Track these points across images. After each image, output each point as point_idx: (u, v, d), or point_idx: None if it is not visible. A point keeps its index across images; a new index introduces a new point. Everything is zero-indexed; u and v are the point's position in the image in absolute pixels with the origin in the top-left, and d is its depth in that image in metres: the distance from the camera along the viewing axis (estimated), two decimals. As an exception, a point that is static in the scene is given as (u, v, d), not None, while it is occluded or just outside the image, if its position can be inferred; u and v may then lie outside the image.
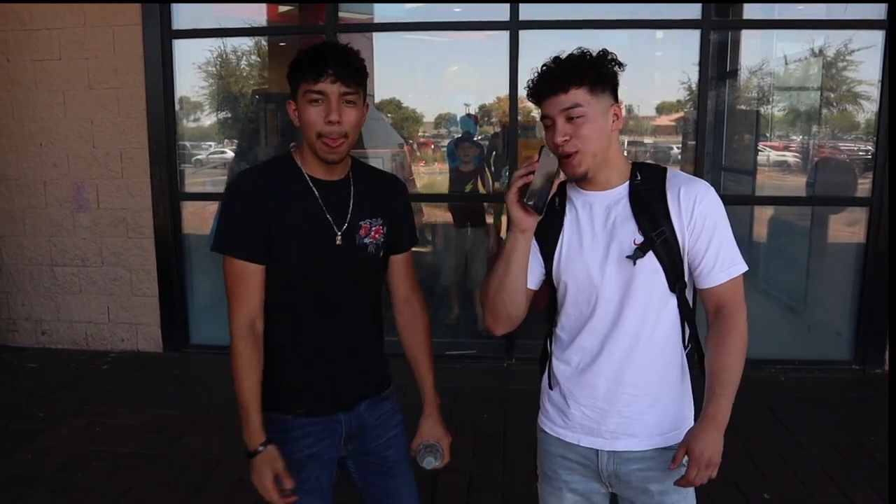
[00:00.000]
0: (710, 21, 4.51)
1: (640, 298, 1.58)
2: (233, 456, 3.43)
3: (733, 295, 1.61)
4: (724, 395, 1.55)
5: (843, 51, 5.03)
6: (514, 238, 1.59)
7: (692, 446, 1.53)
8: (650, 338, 1.60)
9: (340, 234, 1.70)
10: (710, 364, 1.59)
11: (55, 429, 3.81)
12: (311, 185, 1.70)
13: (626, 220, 1.58)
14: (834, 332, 4.94)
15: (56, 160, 4.99)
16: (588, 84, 1.51)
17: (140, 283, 5.06)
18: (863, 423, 3.89)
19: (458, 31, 5.25)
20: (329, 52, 1.58)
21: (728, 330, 1.59)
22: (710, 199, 1.58)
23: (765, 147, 5.81)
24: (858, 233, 4.79)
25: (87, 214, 5.04)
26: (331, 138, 1.60)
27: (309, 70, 1.57)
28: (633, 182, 1.61)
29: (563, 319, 1.69)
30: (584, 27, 4.65)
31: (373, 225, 1.75)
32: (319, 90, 1.57)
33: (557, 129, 1.52)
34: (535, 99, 1.57)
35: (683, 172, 1.65)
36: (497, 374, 4.73)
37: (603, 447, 1.66)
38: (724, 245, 1.59)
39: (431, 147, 6.42)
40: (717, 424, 1.54)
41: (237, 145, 5.87)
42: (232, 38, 5.45)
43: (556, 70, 1.52)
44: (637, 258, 1.55)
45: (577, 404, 1.66)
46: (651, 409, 1.64)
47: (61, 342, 5.22)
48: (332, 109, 1.58)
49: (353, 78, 1.60)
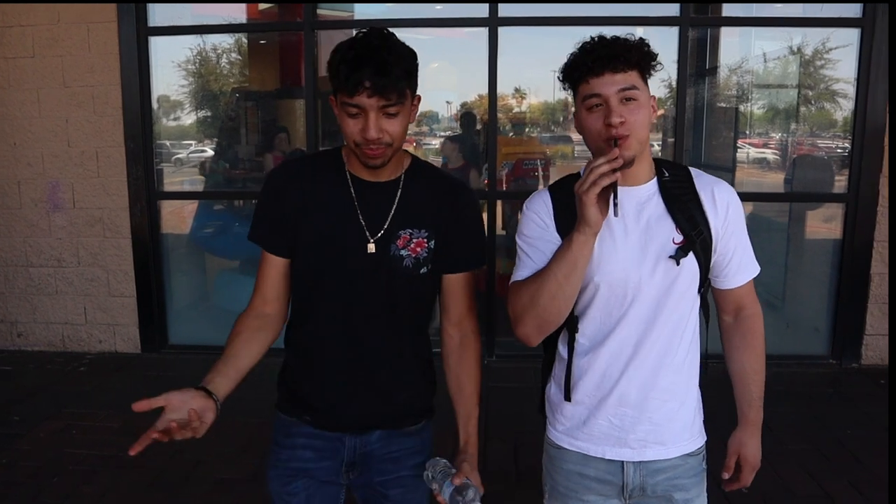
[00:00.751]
0: (688, 18, 4.53)
1: (678, 300, 1.51)
2: (211, 458, 3.41)
3: (752, 295, 1.63)
4: (759, 397, 1.60)
5: (820, 49, 5.07)
6: (585, 241, 1.41)
7: (745, 453, 1.61)
8: (681, 340, 1.55)
9: (374, 242, 1.54)
10: (741, 367, 1.62)
11: (31, 432, 3.76)
12: (350, 182, 1.56)
13: (662, 219, 1.50)
14: (812, 328, 4.99)
15: (30, 159, 4.92)
16: (640, 69, 1.45)
17: (117, 283, 5.01)
18: (840, 417, 3.93)
19: (438, 28, 5.23)
20: (366, 60, 1.39)
21: (753, 332, 1.62)
22: (737, 201, 1.57)
23: (744, 144, 5.85)
24: (835, 229, 4.84)
25: (62, 214, 4.97)
26: (370, 149, 1.45)
27: (345, 81, 1.40)
28: (662, 179, 1.53)
29: (586, 322, 1.56)
30: (563, 24, 4.65)
31: (414, 236, 1.56)
32: (356, 104, 1.41)
33: (613, 109, 1.40)
34: (579, 76, 1.45)
35: (703, 172, 1.60)
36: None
37: (631, 458, 1.56)
38: (747, 246, 1.60)
39: (414, 145, 6.41)
40: (758, 427, 1.61)
41: (217, 144, 5.81)
42: (212, 36, 5.39)
43: (613, 48, 1.42)
44: (680, 258, 1.47)
45: (605, 413, 1.56)
46: (678, 414, 1.57)
47: (37, 344, 5.15)
48: (369, 126, 1.42)
49: (395, 88, 1.40)
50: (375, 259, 1.54)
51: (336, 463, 1.64)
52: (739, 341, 1.62)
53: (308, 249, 1.57)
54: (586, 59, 1.42)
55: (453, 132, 5.71)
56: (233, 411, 4.07)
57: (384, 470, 1.65)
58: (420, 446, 1.69)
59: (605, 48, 1.42)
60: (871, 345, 4.76)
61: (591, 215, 1.38)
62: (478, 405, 1.66)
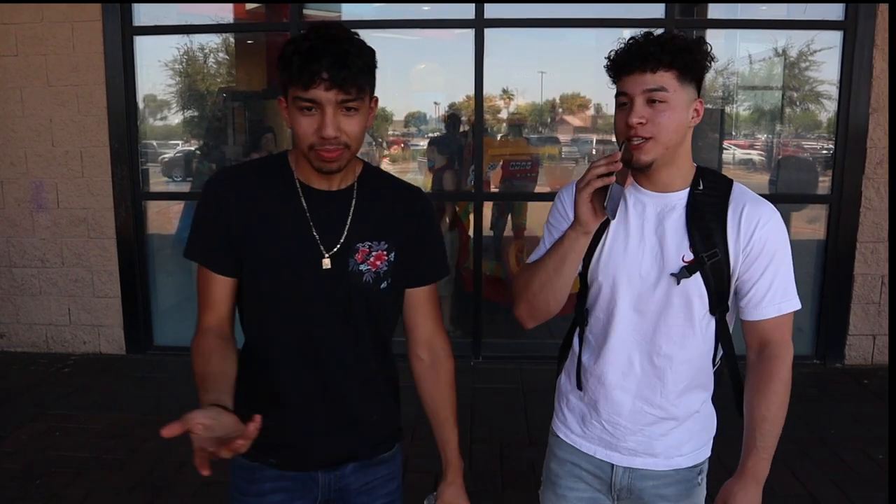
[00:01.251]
0: (673, 20, 4.56)
1: (679, 318, 1.45)
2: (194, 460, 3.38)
3: (781, 333, 1.48)
4: (765, 447, 1.46)
5: (805, 51, 5.11)
6: (576, 238, 1.40)
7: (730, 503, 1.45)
8: (686, 361, 1.48)
9: (329, 257, 1.40)
10: (751, 411, 1.48)
11: (14, 434, 3.73)
12: (301, 193, 1.42)
13: (678, 232, 1.43)
14: (796, 328, 4.97)
15: (14, 159, 4.88)
16: (677, 69, 1.36)
17: (102, 284, 4.97)
18: (823, 417, 3.96)
19: (425, 29, 5.23)
20: (324, 50, 1.26)
21: (772, 375, 1.46)
22: (773, 224, 1.44)
23: (730, 145, 5.89)
24: (819, 230, 4.88)
25: (46, 214, 4.93)
26: (326, 150, 1.31)
27: (299, 73, 1.27)
28: (694, 190, 1.46)
29: (591, 321, 1.55)
30: (548, 26, 4.67)
31: (374, 249, 1.44)
32: (311, 98, 1.28)
33: (635, 109, 1.36)
34: (614, 73, 1.41)
35: (751, 190, 1.50)
36: (463, 373, 4.67)
37: (619, 462, 1.56)
38: (779, 276, 1.44)
39: (401, 146, 6.40)
40: (756, 480, 1.46)
41: (203, 144, 5.79)
42: (198, 36, 5.37)
43: (646, 46, 1.35)
44: (682, 277, 1.40)
45: (599, 417, 1.55)
46: (675, 431, 1.54)
47: (20, 345, 5.10)
48: (326, 123, 1.28)
49: (355, 82, 1.28)
50: (332, 276, 1.41)
51: (309, 500, 1.52)
52: (755, 382, 1.48)
53: (258, 269, 1.41)
54: (622, 56, 1.39)
55: (441, 133, 5.71)
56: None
57: (360, 502, 1.56)
58: (394, 472, 1.61)
59: (639, 46, 1.37)
60: (855, 345, 4.80)
61: (582, 214, 1.37)
62: (455, 427, 1.59)
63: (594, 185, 1.34)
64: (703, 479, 1.61)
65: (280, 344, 1.45)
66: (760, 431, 1.46)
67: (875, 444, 3.59)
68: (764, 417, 1.46)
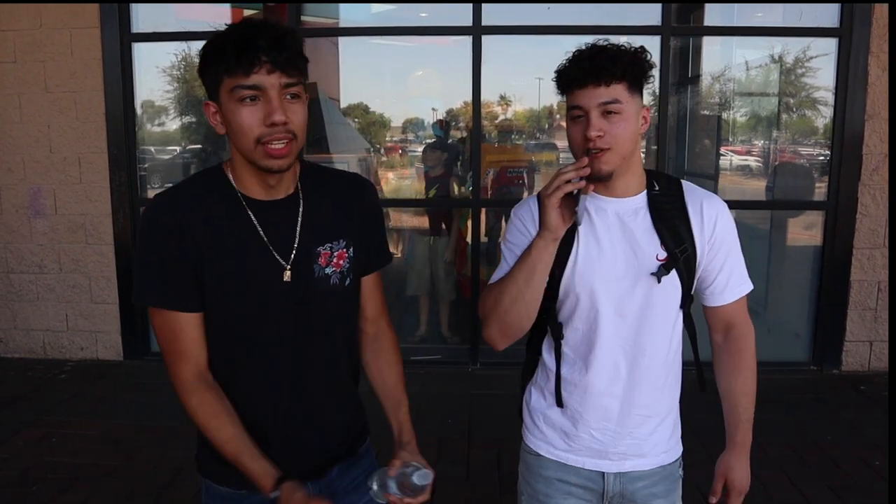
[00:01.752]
0: (670, 27, 4.57)
1: (660, 316, 1.51)
2: (192, 466, 3.37)
3: (743, 314, 1.60)
4: (749, 419, 1.57)
5: (801, 57, 5.13)
6: (545, 246, 1.42)
7: (732, 477, 1.56)
8: (664, 356, 1.54)
9: (289, 268, 1.35)
10: (730, 389, 1.58)
11: (10, 440, 3.72)
12: (246, 207, 1.34)
13: (647, 233, 1.49)
14: (793, 334, 5.03)
15: (11, 165, 4.88)
16: (628, 81, 1.40)
17: (99, 290, 4.97)
18: (820, 423, 3.96)
19: (423, 35, 5.25)
20: (258, 34, 1.21)
21: (742, 352, 1.58)
22: (728, 216, 1.54)
23: (727, 151, 5.91)
24: (816, 236, 4.89)
25: (44, 220, 4.93)
26: (275, 139, 1.24)
27: (237, 60, 1.20)
28: (651, 192, 1.52)
29: (568, 333, 1.56)
30: (546, 33, 4.68)
31: (335, 249, 1.40)
32: (254, 84, 1.21)
33: (592, 122, 1.39)
34: (565, 86, 1.44)
35: (698, 186, 1.58)
36: (461, 379, 4.73)
37: (610, 469, 1.58)
38: (737, 263, 1.56)
39: (399, 152, 6.42)
40: (747, 450, 1.57)
41: (202, 150, 5.80)
42: (196, 42, 5.38)
43: (598, 60, 1.39)
44: (662, 275, 1.46)
45: (587, 427, 1.56)
46: (660, 428, 1.58)
47: (18, 351, 5.10)
48: (274, 108, 1.22)
49: (295, 64, 1.24)
50: (295, 287, 1.36)
51: None
52: (728, 362, 1.59)
53: (220, 295, 1.34)
54: (572, 70, 1.42)
55: (438, 139, 5.72)
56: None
57: (349, 502, 1.54)
58: (371, 465, 1.58)
59: (590, 60, 1.39)
60: (852, 351, 4.80)
61: (551, 219, 1.40)
62: (404, 392, 1.54)
63: (564, 189, 1.37)
64: (682, 470, 1.66)
65: (252, 368, 1.39)
66: (743, 405, 1.57)
67: (872, 450, 3.60)
68: (743, 392, 1.57)
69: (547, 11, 4.69)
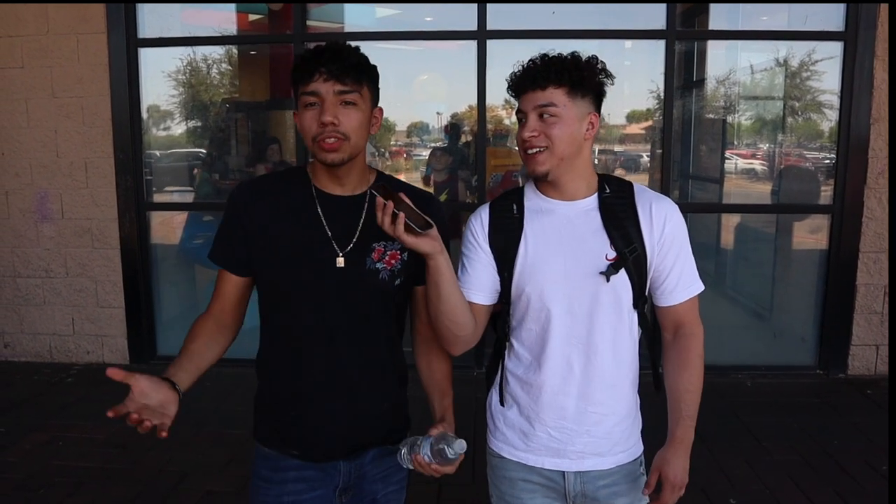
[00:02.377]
0: (674, 32, 4.57)
1: (611, 315, 1.55)
2: (198, 470, 3.39)
3: (693, 313, 1.63)
4: (690, 416, 1.57)
5: (806, 61, 5.13)
6: (435, 265, 1.44)
7: (666, 471, 1.54)
8: (617, 355, 1.58)
9: (343, 256, 1.52)
10: (674, 385, 1.60)
11: (17, 444, 3.74)
12: (316, 197, 1.55)
13: (597, 234, 1.54)
14: (799, 338, 5.02)
15: (19, 169, 4.91)
16: (567, 86, 1.48)
17: (106, 294, 4.99)
18: (827, 427, 3.95)
19: (428, 40, 5.26)
20: (323, 49, 1.45)
21: (689, 351, 1.60)
22: (678, 218, 1.58)
23: (732, 155, 5.90)
24: (821, 239, 4.88)
25: (51, 225, 4.95)
26: (326, 136, 1.44)
27: (302, 71, 1.45)
28: (602, 194, 1.57)
29: (522, 334, 1.61)
30: (551, 37, 4.68)
31: (388, 249, 1.55)
32: (313, 91, 1.44)
33: (528, 124, 1.50)
34: (514, 93, 1.54)
35: (649, 188, 1.63)
36: (466, 382, 4.70)
37: (569, 468, 1.61)
38: (687, 264, 1.59)
39: (404, 156, 6.42)
40: (685, 446, 1.56)
41: (207, 154, 5.81)
42: (202, 47, 5.40)
43: (537, 67, 1.49)
44: (610, 275, 1.50)
45: (544, 426, 1.60)
46: (617, 427, 1.62)
47: (24, 355, 5.12)
48: (324, 109, 1.43)
49: (349, 74, 1.44)
50: (347, 273, 1.52)
51: (329, 490, 1.61)
52: (675, 359, 1.62)
53: (275, 266, 1.53)
54: (518, 77, 1.52)
55: (443, 143, 5.73)
56: (220, 423, 4.07)
57: (373, 490, 1.65)
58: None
59: (532, 67, 1.50)
60: (858, 355, 4.79)
61: (424, 248, 1.40)
62: (450, 387, 1.67)
63: (399, 233, 1.37)
64: (643, 469, 1.67)
65: (298, 340, 1.55)
66: (685, 402, 1.58)
67: (879, 454, 3.58)
68: (687, 389, 1.58)
69: (552, 16, 4.69)
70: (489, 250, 1.59)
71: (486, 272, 1.60)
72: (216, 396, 4.17)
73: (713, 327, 4.92)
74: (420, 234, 1.38)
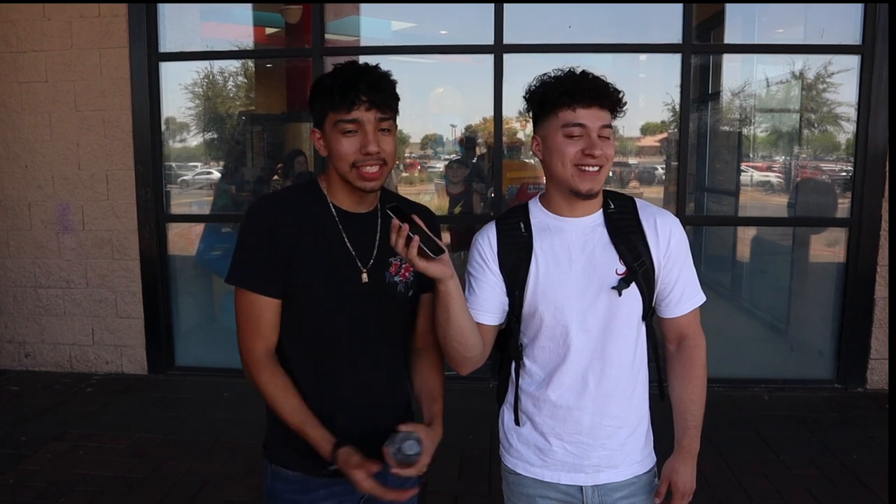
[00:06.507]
0: (691, 46, 4.59)
1: (623, 328, 1.57)
2: (217, 479, 3.41)
3: (696, 324, 1.67)
4: (696, 426, 1.61)
5: (822, 73, 5.12)
6: (445, 289, 1.44)
7: (675, 479, 1.57)
8: (631, 367, 1.60)
9: (366, 272, 1.55)
10: (680, 396, 1.63)
11: (38, 453, 3.78)
12: (336, 215, 1.56)
13: (606, 249, 1.56)
14: (816, 352, 4.98)
15: (41, 182, 4.98)
16: (612, 112, 1.54)
17: (125, 304, 5.04)
18: (845, 441, 3.91)
19: (444, 54, 5.30)
20: (361, 76, 1.46)
21: (693, 362, 1.64)
22: (680, 231, 1.61)
23: (748, 167, 5.89)
24: (839, 253, 4.85)
25: (72, 236, 5.02)
26: (368, 164, 1.47)
27: (340, 98, 1.45)
28: (607, 210, 1.60)
29: (535, 352, 1.62)
30: (567, 51, 4.71)
31: (403, 262, 1.59)
32: (353, 119, 1.45)
33: (594, 141, 1.48)
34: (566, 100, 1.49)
35: (649, 203, 1.66)
36: (483, 394, 4.70)
37: (587, 482, 1.62)
38: (690, 276, 1.63)
39: (418, 168, 6.47)
40: (693, 455, 1.59)
41: (223, 166, 5.88)
42: (221, 61, 5.48)
43: (601, 86, 1.51)
44: (622, 288, 1.52)
45: (560, 441, 1.61)
46: (631, 439, 1.64)
47: (45, 364, 5.17)
48: (370, 140, 1.46)
49: (388, 103, 1.49)
50: (370, 288, 1.56)
51: (355, 499, 1.63)
52: (680, 370, 1.65)
53: (303, 285, 1.53)
54: (576, 87, 1.49)
55: (457, 155, 5.76)
56: (238, 433, 4.08)
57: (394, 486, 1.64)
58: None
59: (594, 82, 1.50)
60: (877, 369, 4.75)
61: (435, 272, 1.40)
62: (442, 395, 1.68)
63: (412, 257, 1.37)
64: (657, 480, 1.68)
65: (328, 355, 1.57)
66: (691, 412, 1.61)
67: (898, 469, 3.55)
68: (692, 399, 1.62)
69: (568, 30, 4.72)
70: (498, 272, 1.59)
71: (494, 293, 1.60)
72: (234, 406, 4.20)
73: (730, 340, 4.95)
74: (432, 258, 1.39)
